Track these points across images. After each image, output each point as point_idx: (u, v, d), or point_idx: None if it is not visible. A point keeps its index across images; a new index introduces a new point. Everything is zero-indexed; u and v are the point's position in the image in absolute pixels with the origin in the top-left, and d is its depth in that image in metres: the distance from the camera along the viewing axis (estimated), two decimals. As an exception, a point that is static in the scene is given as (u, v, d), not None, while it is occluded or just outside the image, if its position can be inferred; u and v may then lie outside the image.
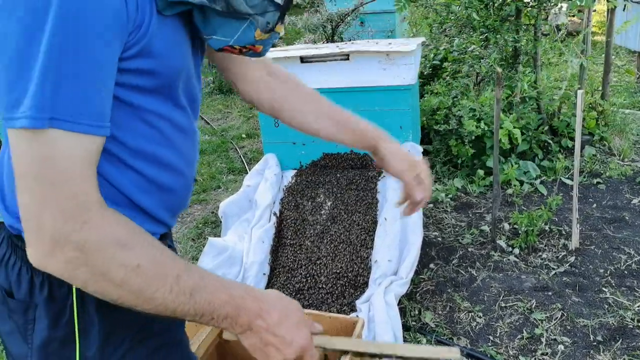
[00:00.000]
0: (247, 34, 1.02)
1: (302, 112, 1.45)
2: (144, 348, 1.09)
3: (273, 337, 1.05)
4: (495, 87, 3.13)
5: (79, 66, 0.83)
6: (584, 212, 3.74)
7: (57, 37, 0.81)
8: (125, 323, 1.05)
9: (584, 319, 2.80)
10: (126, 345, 1.06)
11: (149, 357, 1.10)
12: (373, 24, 6.66)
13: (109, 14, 0.84)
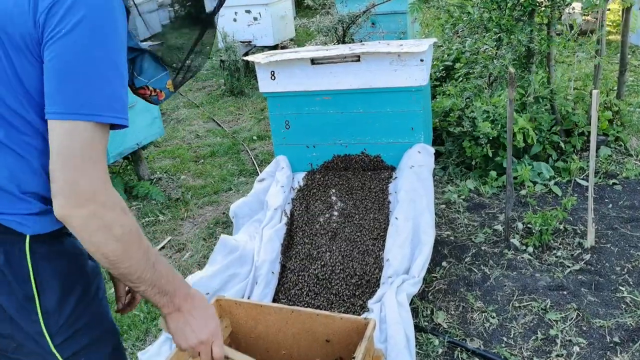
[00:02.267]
0: (162, 81, 1.45)
1: None
2: (91, 296, 1.36)
3: (192, 319, 1.34)
4: (508, 88, 3.10)
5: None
6: (600, 212, 3.69)
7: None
8: (74, 277, 1.32)
9: (600, 319, 2.76)
10: (78, 293, 1.32)
11: (94, 301, 1.37)
12: (384, 25, 6.65)
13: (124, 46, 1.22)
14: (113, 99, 1.17)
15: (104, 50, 1.15)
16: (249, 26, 8.19)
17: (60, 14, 1.12)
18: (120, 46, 1.19)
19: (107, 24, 1.15)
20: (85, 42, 1.13)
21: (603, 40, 4.42)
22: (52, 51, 1.13)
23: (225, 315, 2.20)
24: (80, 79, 1.14)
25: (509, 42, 4.34)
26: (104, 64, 1.15)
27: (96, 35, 1.14)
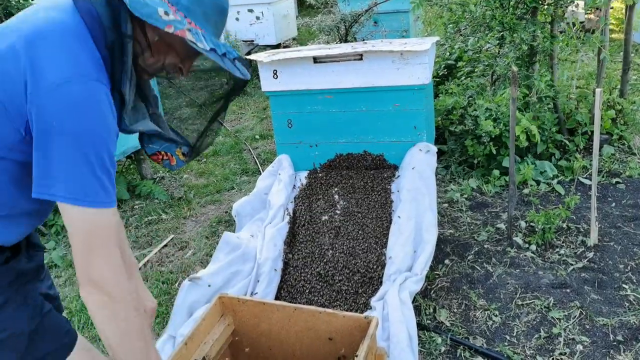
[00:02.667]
0: (172, 147, 1.58)
1: None
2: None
3: None
4: (511, 86, 3.10)
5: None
6: (603, 210, 3.68)
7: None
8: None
9: (604, 317, 2.76)
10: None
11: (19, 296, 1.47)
12: (387, 24, 6.65)
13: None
14: (79, 184, 1.27)
15: (78, 148, 1.26)
16: (251, 25, 8.19)
17: (39, 117, 1.25)
18: (97, 135, 1.28)
19: (83, 125, 1.26)
20: (62, 141, 1.25)
21: (607, 36, 4.41)
22: (36, 143, 1.27)
23: (228, 313, 2.20)
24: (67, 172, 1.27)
25: (511, 40, 4.33)
26: (79, 159, 1.26)
27: (70, 136, 1.25)
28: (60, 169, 1.25)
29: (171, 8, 1.33)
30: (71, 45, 1.29)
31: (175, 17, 1.32)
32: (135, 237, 4.09)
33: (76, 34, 1.31)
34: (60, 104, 1.24)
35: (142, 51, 1.41)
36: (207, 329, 2.14)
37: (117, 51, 1.35)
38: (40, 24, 1.31)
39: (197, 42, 1.34)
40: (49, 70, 1.24)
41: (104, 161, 1.29)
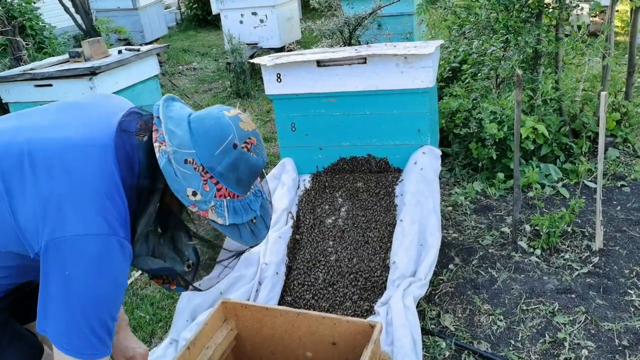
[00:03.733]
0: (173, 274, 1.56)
1: None
2: None
3: None
4: (516, 89, 3.09)
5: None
6: (608, 214, 3.66)
7: None
8: None
9: (609, 322, 2.74)
10: None
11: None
12: (391, 27, 6.64)
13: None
14: (82, 343, 1.32)
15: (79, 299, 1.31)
16: (255, 28, 8.20)
17: (54, 260, 1.31)
18: (105, 294, 1.34)
19: (95, 284, 1.31)
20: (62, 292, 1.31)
21: (612, 39, 4.39)
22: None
23: (230, 317, 2.20)
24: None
25: (516, 43, 4.32)
26: (71, 313, 1.31)
27: (79, 290, 1.31)
28: (61, 317, 1.31)
29: (204, 176, 1.39)
30: (102, 202, 1.35)
31: (200, 198, 1.37)
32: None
33: (110, 186, 1.37)
34: (74, 257, 1.29)
35: (170, 202, 1.47)
36: (210, 333, 2.13)
37: (144, 196, 1.43)
38: (77, 170, 1.36)
39: (217, 220, 1.40)
40: (73, 222, 1.31)
41: (105, 320, 1.34)
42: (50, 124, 1.45)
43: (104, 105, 1.55)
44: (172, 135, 1.38)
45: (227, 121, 1.43)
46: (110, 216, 1.35)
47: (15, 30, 6.25)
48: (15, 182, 1.35)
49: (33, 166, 1.35)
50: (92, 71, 4.06)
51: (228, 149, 1.40)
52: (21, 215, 1.33)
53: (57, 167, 1.35)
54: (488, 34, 4.69)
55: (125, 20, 9.77)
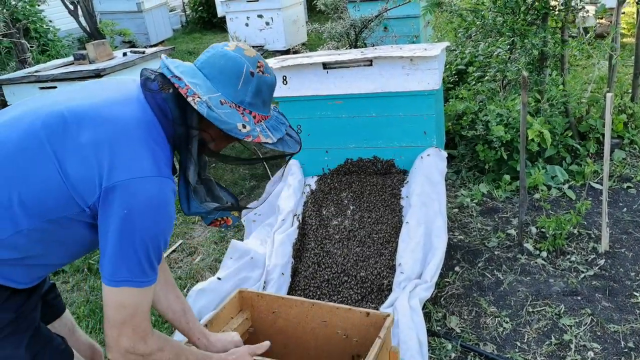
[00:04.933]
0: (226, 211, 1.68)
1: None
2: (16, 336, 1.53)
3: None
4: (522, 91, 3.09)
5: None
6: (614, 216, 3.66)
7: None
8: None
9: (615, 324, 2.74)
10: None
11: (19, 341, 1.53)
12: (397, 29, 6.64)
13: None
14: (130, 266, 1.41)
15: (131, 237, 1.40)
16: (261, 31, 8.23)
17: (112, 204, 1.39)
18: (160, 229, 1.45)
19: (150, 220, 1.41)
20: (121, 231, 1.40)
21: (618, 39, 4.39)
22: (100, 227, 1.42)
23: (246, 307, 2.22)
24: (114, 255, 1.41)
25: (522, 46, 4.32)
26: (131, 246, 1.40)
27: (137, 227, 1.41)
28: (119, 253, 1.40)
29: (239, 109, 1.50)
30: (149, 144, 1.44)
31: (249, 128, 1.49)
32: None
33: (152, 132, 1.47)
34: (135, 198, 1.38)
35: (206, 141, 1.58)
36: (226, 319, 2.16)
37: (183, 142, 1.52)
38: (120, 118, 1.45)
39: (267, 141, 1.53)
40: (129, 166, 1.39)
41: (159, 249, 1.46)
42: (79, 95, 1.53)
43: (114, 80, 1.65)
44: (197, 87, 1.46)
45: (235, 55, 1.52)
46: (160, 160, 1.45)
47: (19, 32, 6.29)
48: (61, 142, 1.41)
49: (77, 123, 1.42)
50: (96, 73, 4.09)
51: (248, 79, 1.51)
52: (71, 170, 1.40)
53: (102, 119, 1.44)
54: (494, 36, 4.70)
55: (130, 23, 9.80)
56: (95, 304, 3.28)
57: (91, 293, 3.42)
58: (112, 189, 1.38)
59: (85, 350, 1.93)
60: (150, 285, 1.46)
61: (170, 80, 1.47)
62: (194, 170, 1.55)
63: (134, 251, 1.40)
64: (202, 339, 1.89)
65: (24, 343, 1.54)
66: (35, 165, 1.41)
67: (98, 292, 3.41)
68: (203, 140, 1.56)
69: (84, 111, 1.45)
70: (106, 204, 1.39)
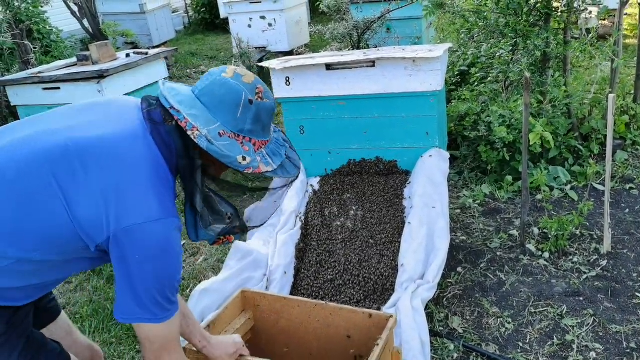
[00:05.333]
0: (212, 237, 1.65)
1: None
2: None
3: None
4: (524, 92, 3.10)
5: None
6: (616, 217, 3.66)
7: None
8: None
9: (617, 325, 2.74)
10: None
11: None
12: (400, 31, 6.65)
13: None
14: (146, 305, 1.46)
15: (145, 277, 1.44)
16: (263, 32, 8.23)
17: (123, 248, 1.41)
18: (171, 269, 1.49)
19: (161, 261, 1.45)
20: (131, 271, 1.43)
21: (620, 42, 4.39)
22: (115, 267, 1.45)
23: (249, 307, 2.23)
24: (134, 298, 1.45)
25: (525, 47, 4.33)
26: (147, 288, 1.45)
27: (151, 269, 1.44)
28: (138, 294, 1.44)
29: (239, 139, 1.50)
30: (156, 185, 1.46)
31: (250, 159, 1.50)
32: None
33: (159, 170, 1.48)
34: (145, 243, 1.41)
35: (208, 168, 1.57)
36: (229, 319, 2.16)
37: (187, 172, 1.54)
38: (128, 157, 1.45)
39: (268, 169, 1.54)
40: (137, 210, 1.41)
41: (174, 287, 1.50)
42: (79, 124, 1.50)
43: (115, 103, 1.62)
44: (196, 119, 1.47)
45: (234, 83, 1.51)
46: (166, 199, 1.47)
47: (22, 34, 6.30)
48: (67, 179, 1.40)
49: (82, 161, 1.41)
50: (100, 74, 4.09)
51: (247, 107, 1.51)
52: (80, 210, 1.40)
53: (107, 159, 1.43)
54: (497, 37, 4.70)
55: (133, 24, 9.81)
56: (99, 304, 3.29)
57: (94, 293, 3.43)
58: (122, 233, 1.40)
59: (84, 351, 1.94)
60: (172, 317, 1.51)
61: (170, 111, 1.48)
62: (200, 198, 1.57)
63: (150, 293, 1.44)
64: (203, 342, 1.90)
65: (17, 350, 1.56)
66: (39, 198, 1.40)
67: (101, 292, 3.42)
68: (205, 167, 1.56)
69: (88, 145, 1.44)
70: (116, 247, 1.41)
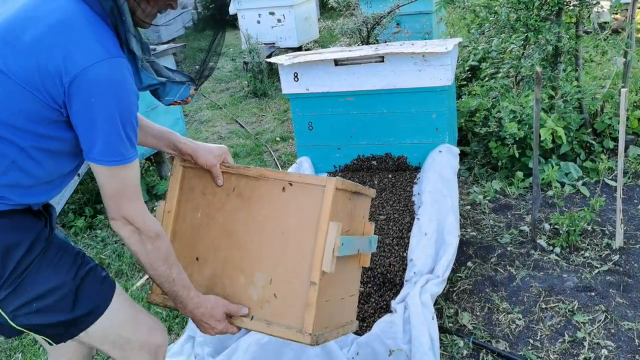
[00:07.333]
0: (185, 92, 1.77)
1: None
2: (34, 260, 1.60)
3: (202, 322, 1.84)
4: (535, 87, 3.07)
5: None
6: (629, 212, 3.62)
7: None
8: (18, 239, 1.57)
9: (629, 321, 2.71)
10: (21, 251, 1.57)
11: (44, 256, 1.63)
12: (409, 26, 6.61)
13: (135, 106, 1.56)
14: (113, 147, 1.52)
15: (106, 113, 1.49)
16: (272, 28, 8.22)
17: (79, 96, 1.47)
18: (126, 106, 1.52)
19: (116, 98, 1.49)
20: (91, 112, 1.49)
21: (633, 36, 4.34)
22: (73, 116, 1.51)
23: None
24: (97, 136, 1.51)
25: (536, 41, 4.29)
26: (107, 124, 1.50)
27: (107, 109, 1.49)
28: (99, 137, 1.49)
29: None
30: (91, 31, 1.49)
31: None
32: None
33: (88, 18, 1.51)
34: (96, 83, 1.45)
35: (139, 4, 1.60)
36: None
37: (116, 15, 1.54)
38: (56, 14, 1.48)
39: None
40: (81, 56, 1.45)
41: (133, 125, 1.54)
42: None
43: None
44: None
45: None
46: (106, 41, 1.50)
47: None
48: (10, 54, 1.46)
49: (13, 31, 1.47)
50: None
51: None
52: (28, 74, 1.45)
53: (37, 19, 1.48)
54: (508, 32, 4.66)
55: (143, 21, 9.84)
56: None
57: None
58: (72, 82, 1.44)
59: None
60: (133, 161, 1.57)
61: None
62: (136, 42, 1.59)
63: (117, 131, 1.50)
64: (188, 144, 1.94)
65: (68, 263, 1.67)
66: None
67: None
68: (132, 9, 1.58)
69: (15, 17, 1.50)
70: (72, 97, 1.46)
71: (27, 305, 1.58)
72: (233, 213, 1.93)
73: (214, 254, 1.94)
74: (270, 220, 1.87)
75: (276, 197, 1.88)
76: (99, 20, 1.52)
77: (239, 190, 1.94)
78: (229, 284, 1.90)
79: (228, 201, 1.94)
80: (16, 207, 1.58)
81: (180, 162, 1.99)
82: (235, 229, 1.91)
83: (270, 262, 1.85)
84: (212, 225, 1.95)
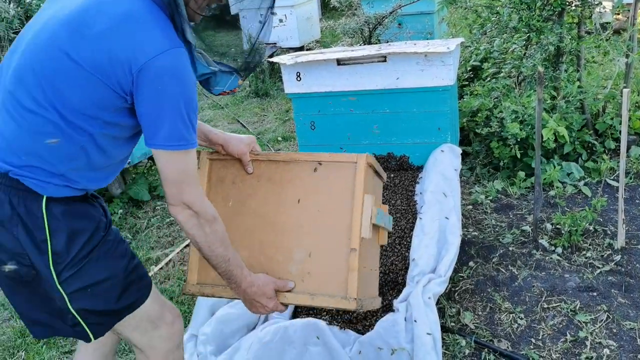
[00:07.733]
0: (234, 82, 1.85)
1: None
2: (97, 244, 1.71)
3: (254, 300, 1.90)
4: (537, 88, 3.07)
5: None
6: (631, 212, 3.63)
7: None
8: (82, 226, 1.68)
9: (631, 321, 2.71)
10: (85, 237, 1.68)
11: (101, 248, 1.72)
12: (411, 26, 6.61)
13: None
14: (178, 132, 1.59)
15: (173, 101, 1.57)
16: (274, 28, 8.22)
17: (144, 84, 1.55)
18: (188, 93, 1.60)
19: (180, 87, 1.57)
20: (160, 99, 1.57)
21: (634, 36, 4.34)
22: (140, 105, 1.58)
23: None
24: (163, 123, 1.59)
25: (538, 42, 4.29)
26: (173, 110, 1.58)
27: (171, 96, 1.57)
28: (165, 122, 1.56)
29: None
30: (155, 23, 1.57)
31: None
32: (157, 237, 4.13)
33: (150, 9, 1.58)
34: (163, 71, 1.53)
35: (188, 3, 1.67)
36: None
37: (173, 6, 1.61)
38: (122, 6, 1.57)
39: None
40: (149, 46, 1.53)
41: (195, 109, 1.62)
42: (62, 6, 1.63)
43: None
44: None
45: None
46: (169, 31, 1.58)
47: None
48: (80, 44, 1.54)
49: (84, 22, 1.55)
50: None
51: None
52: (94, 62, 1.54)
53: (104, 12, 1.56)
54: (509, 32, 4.67)
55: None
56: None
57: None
58: (141, 70, 1.52)
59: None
60: (195, 147, 1.64)
61: None
62: (190, 31, 1.65)
63: (183, 117, 1.57)
64: (219, 134, 2.03)
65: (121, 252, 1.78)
66: (70, 79, 1.55)
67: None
68: (185, 1, 1.65)
69: (80, 11, 1.57)
70: (140, 85, 1.54)
71: (84, 290, 1.69)
72: (265, 197, 2.03)
73: (249, 238, 2.03)
74: (304, 199, 1.98)
75: (307, 177, 2.00)
76: (159, 11, 1.60)
77: (269, 175, 2.03)
78: (266, 262, 1.99)
79: (259, 187, 2.04)
80: (77, 193, 1.68)
81: (207, 155, 2.07)
82: (268, 211, 2.01)
83: (308, 238, 1.96)
84: (244, 211, 2.04)
